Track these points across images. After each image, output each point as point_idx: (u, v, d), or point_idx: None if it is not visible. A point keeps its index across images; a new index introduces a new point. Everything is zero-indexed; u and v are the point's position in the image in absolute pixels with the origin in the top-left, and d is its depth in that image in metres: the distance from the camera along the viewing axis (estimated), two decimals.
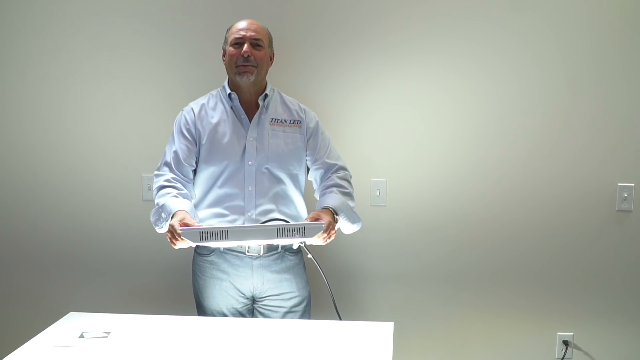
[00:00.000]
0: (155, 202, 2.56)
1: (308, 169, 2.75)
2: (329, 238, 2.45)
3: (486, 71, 3.09)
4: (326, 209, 2.52)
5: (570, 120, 3.08)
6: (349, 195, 2.65)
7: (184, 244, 2.36)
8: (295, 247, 2.56)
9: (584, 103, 3.07)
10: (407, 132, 3.16)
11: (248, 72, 2.56)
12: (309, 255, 2.51)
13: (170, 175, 2.58)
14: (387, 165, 3.19)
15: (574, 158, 3.10)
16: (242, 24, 2.63)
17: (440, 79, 3.12)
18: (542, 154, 3.11)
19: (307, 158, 2.71)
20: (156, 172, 2.65)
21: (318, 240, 2.40)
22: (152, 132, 3.20)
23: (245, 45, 2.56)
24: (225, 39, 2.64)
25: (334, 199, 2.56)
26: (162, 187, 2.56)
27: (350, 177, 2.75)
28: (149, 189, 3.23)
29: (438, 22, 3.08)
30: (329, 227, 2.44)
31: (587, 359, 3.22)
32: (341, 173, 2.70)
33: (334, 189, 2.62)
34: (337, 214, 2.53)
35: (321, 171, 2.70)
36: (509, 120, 3.11)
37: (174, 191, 2.54)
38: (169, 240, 2.41)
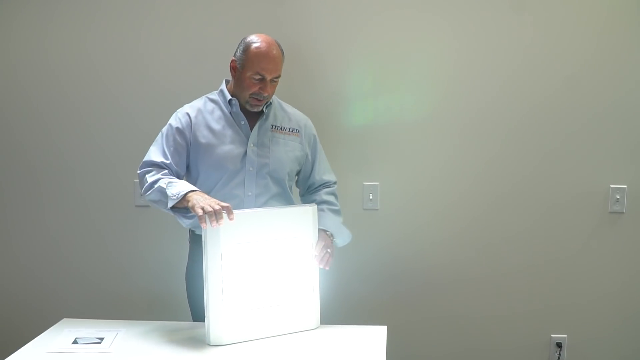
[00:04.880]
0: (156, 186, 2.43)
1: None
2: (328, 258, 2.45)
3: (479, 73, 3.10)
4: (322, 230, 2.50)
5: (563, 122, 3.09)
6: (337, 212, 2.67)
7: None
8: None
9: (577, 105, 3.08)
10: (399, 135, 3.16)
11: (260, 105, 2.54)
12: None
13: (163, 171, 2.50)
14: (380, 168, 3.19)
15: (566, 160, 3.11)
16: (264, 56, 2.48)
17: (432, 81, 3.13)
18: (535, 156, 3.12)
19: (301, 169, 2.70)
20: (143, 170, 2.54)
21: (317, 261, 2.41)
22: (145, 137, 3.18)
23: (266, 85, 2.49)
24: (242, 58, 2.51)
25: (329, 220, 2.56)
26: (158, 179, 2.45)
27: (335, 183, 2.76)
28: (141, 195, 3.23)
29: (432, 21, 3.09)
30: (327, 248, 2.45)
31: None
32: (329, 188, 2.73)
33: (324, 206, 2.62)
34: (333, 237, 2.54)
35: (311, 182, 2.73)
36: (501, 122, 3.12)
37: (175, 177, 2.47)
38: (205, 216, 2.20)
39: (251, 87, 2.50)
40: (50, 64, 3.24)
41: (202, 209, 2.21)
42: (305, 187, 2.74)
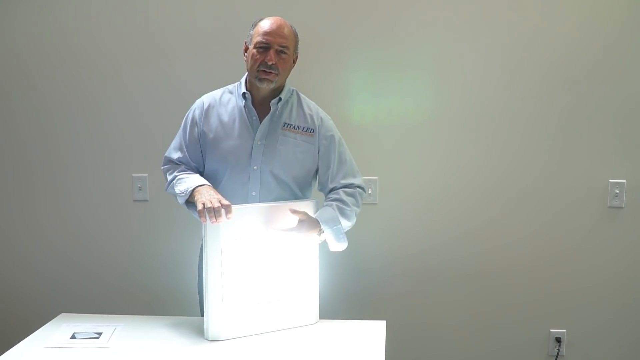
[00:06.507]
0: (172, 183, 2.45)
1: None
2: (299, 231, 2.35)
3: (480, 69, 3.09)
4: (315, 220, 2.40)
5: (562, 117, 3.09)
6: (345, 214, 2.47)
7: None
8: None
9: (576, 100, 3.07)
10: (398, 129, 3.15)
11: (269, 79, 2.42)
12: None
13: (180, 168, 2.51)
14: (379, 162, 3.19)
15: (565, 155, 3.11)
16: (269, 26, 2.42)
17: (433, 76, 3.12)
18: (534, 152, 3.12)
19: (318, 172, 2.56)
20: (164, 168, 2.55)
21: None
22: (144, 131, 3.19)
23: (271, 53, 2.40)
24: (250, 35, 2.45)
25: (325, 213, 2.42)
26: (175, 177, 2.47)
27: (362, 193, 2.57)
28: (140, 189, 3.23)
29: (437, 23, 3.09)
30: (306, 228, 2.35)
31: (580, 355, 3.23)
32: (349, 190, 2.53)
33: (334, 203, 2.47)
34: (321, 228, 2.39)
35: (331, 186, 2.55)
36: (501, 118, 3.11)
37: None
38: (204, 212, 2.20)
39: (257, 60, 2.41)
40: (50, 57, 3.23)
41: (203, 204, 2.21)
42: (326, 191, 2.57)
